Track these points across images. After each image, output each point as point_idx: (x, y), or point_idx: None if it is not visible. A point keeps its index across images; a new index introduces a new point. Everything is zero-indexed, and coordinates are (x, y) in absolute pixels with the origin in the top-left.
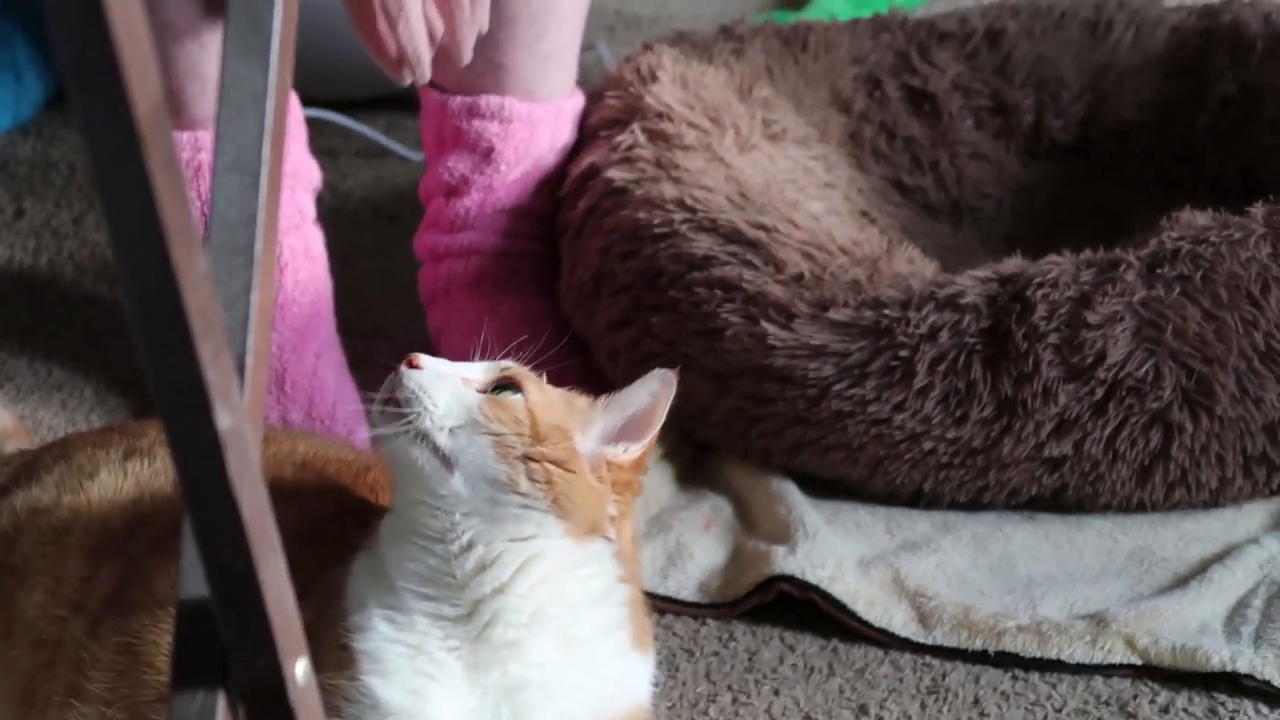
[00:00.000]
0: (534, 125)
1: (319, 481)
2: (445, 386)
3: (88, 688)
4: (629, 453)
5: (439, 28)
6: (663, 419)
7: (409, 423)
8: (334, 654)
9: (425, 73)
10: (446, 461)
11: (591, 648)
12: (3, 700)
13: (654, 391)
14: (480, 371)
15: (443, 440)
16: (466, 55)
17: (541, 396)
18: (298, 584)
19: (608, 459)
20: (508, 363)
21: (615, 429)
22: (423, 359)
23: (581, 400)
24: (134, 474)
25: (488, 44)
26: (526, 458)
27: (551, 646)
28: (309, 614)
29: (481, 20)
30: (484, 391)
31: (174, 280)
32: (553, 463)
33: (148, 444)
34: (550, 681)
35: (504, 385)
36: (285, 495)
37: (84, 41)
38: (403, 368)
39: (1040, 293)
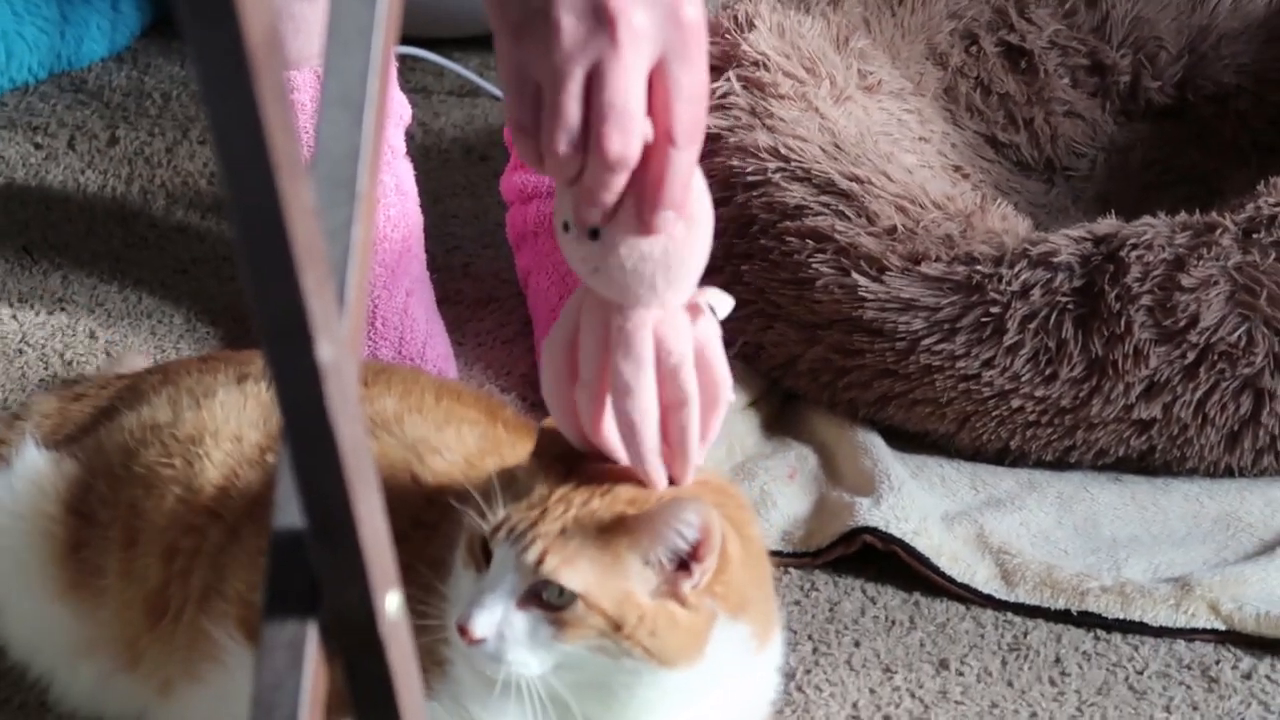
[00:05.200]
0: None
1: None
2: (514, 637)
3: (228, 588)
4: (705, 576)
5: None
6: (718, 540)
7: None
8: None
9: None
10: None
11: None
12: (128, 609)
13: (689, 522)
14: (516, 577)
15: (552, 679)
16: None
17: (587, 575)
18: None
19: (686, 591)
20: (534, 545)
21: (678, 554)
22: (473, 628)
23: (630, 510)
24: (253, 395)
25: None
26: (617, 644)
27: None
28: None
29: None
30: (534, 601)
31: (280, 211)
32: (642, 636)
33: (258, 371)
34: None
35: (545, 586)
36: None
37: None
38: (465, 644)
39: (1135, 254)
